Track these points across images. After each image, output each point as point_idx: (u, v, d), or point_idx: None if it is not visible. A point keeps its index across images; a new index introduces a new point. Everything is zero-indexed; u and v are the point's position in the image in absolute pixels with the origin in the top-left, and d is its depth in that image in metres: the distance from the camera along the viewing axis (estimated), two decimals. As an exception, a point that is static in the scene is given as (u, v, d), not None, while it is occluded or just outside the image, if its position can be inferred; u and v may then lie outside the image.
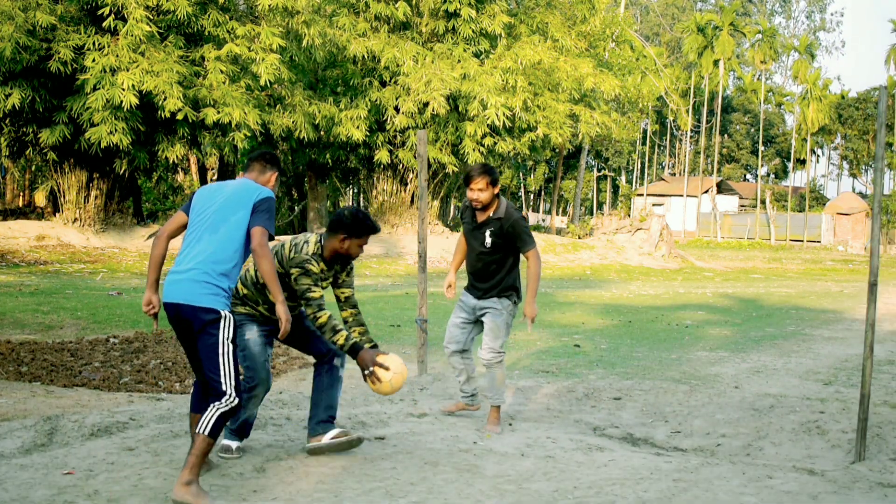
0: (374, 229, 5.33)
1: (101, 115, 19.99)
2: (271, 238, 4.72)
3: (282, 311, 4.66)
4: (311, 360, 8.87)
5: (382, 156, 27.06)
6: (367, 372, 5.11)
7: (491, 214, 6.11)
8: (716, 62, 66.69)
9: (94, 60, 19.82)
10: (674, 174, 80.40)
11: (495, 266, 6.17)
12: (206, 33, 21.65)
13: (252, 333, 5.19)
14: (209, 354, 4.51)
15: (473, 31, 26.61)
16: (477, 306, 6.30)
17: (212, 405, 4.47)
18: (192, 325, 4.54)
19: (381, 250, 25.94)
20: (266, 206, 4.72)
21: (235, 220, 4.65)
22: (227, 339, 4.53)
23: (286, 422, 6.17)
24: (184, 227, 4.77)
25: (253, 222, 4.65)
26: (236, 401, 4.50)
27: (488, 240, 6.12)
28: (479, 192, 6.02)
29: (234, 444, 5.21)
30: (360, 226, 5.24)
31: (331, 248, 5.26)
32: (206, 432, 4.40)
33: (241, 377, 4.71)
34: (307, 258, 5.15)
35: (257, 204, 4.70)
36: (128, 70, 19.86)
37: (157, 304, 4.70)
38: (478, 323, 6.39)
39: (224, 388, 4.48)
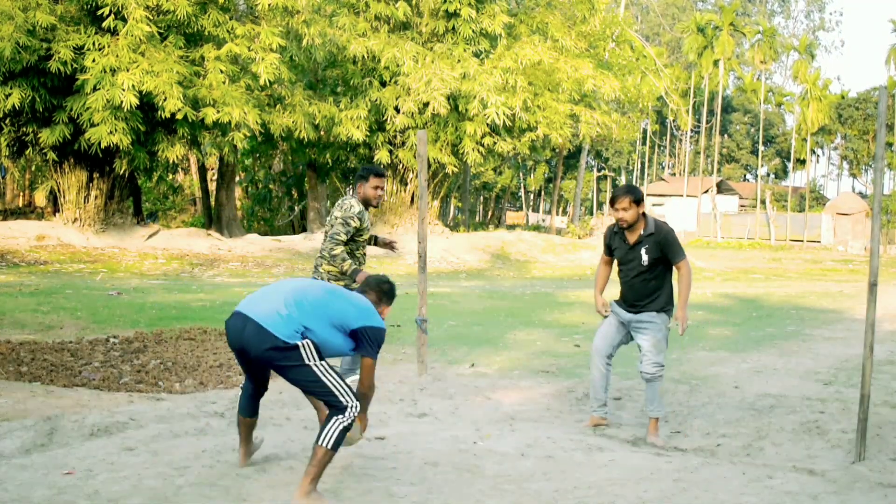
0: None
1: (101, 115, 19.99)
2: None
3: (364, 421, 4.91)
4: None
5: (382, 156, 27.06)
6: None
7: (642, 232, 6.15)
8: (716, 62, 66.68)
9: (94, 60, 19.82)
10: (674, 174, 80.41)
11: (654, 282, 6.22)
12: (206, 33, 21.64)
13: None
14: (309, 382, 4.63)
15: (473, 31, 26.60)
16: (633, 321, 6.30)
17: (335, 419, 4.51)
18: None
19: (382, 250, 25.90)
20: (374, 338, 4.70)
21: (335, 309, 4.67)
22: (316, 361, 4.59)
23: (286, 422, 6.17)
24: None
25: (365, 351, 4.69)
26: (357, 409, 4.58)
27: (645, 257, 6.16)
28: (623, 211, 6.08)
29: None
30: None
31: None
32: (329, 446, 4.45)
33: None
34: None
35: (368, 334, 4.68)
36: (128, 70, 19.86)
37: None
38: (627, 333, 6.41)
39: (344, 402, 4.56)
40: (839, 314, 15.16)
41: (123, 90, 19.60)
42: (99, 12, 20.30)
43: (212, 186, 33.96)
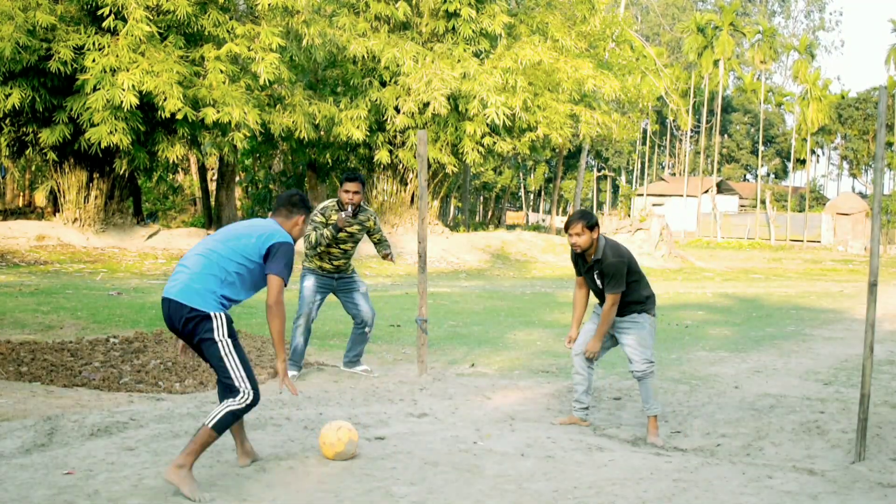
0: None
1: (102, 115, 19.98)
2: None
3: (281, 367, 4.77)
4: (310, 360, 8.87)
5: (382, 156, 27.05)
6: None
7: (594, 256, 6.30)
8: (716, 62, 66.70)
9: (94, 60, 19.80)
10: (674, 174, 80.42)
11: (626, 294, 6.31)
12: (206, 33, 21.63)
13: (309, 282, 7.82)
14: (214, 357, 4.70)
15: (473, 31, 26.59)
16: (616, 324, 6.39)
17: (225, 401, 4.63)
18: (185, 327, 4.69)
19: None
20: (282, 253, 4.76)
21: (241, 244, 4.77)
22: (224, 337, 4.66)
23: (286, 422, 6.17)
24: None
25: (269, 268, 4.74)
26: (251, 397, 4.64)
27: (598, 280, 6.32)
28: (576, 236, 6.22)
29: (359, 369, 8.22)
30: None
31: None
32: (212, 426, 4.54)
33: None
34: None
35: (273, 249, 4.76)
36: (128, 70, 19.85)
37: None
38: (611, 338, 6.47)
39: (238, 386, 4.64)
40: (839, 314, 15.16)
41: (123, 90, 19.59)
42: (99, 12, 20.28)
43: (212, 186, 33.96)
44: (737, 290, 20.16)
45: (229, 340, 4.67)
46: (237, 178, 35.43)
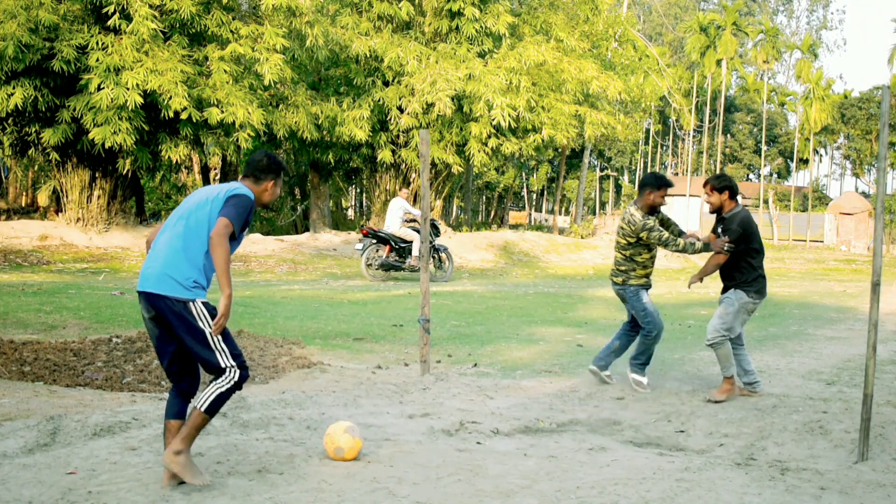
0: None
1: (105, 115, 20.00)
2: (235, 237, 4.62)
3: (223, 304, 4.51)
4: (313, 359, 8.87)
5: (385, 155, 27.06)
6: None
7: (726, 212, 7.26)
8: (718, 62, 66.64)
9: (98, 60, 19.82)
10: (676, 174, 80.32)
11: (728, 263, 7.20)
12: (210, 33, 21.64)
13: (647, 297, 7.71)
14: (195, 340, 4.58)
15: (477, 31, 26.59)
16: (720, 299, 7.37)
17: (213, 383, 4.58)
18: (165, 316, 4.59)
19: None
20: (236, 201, 4.64)
21: (202, 215, 4.65)
22: (207, 320, 4.59)
23: (289, 421, 6.17)
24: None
25: (221, 213, 4.60)
26: (237, 374, 4.60)
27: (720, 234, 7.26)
28: (706, 196, 7.29)
29: (644, 380, 7.57)
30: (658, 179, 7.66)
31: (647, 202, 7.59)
32: (204, 409, 4.53)
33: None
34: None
35: (229, 198, 4.66)
36: (132, 69, 19.86)
37: None
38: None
39: (223, 364, 4.58)
40: (842, 314, 15.14)
41: (128, 89, 19.60)
42: (104, 11, 20.29)
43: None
44: (740, 289, 20.13)
45: (211, 322, 4.57)
46: (239, 178, 35.37)
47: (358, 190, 48.98)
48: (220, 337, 4.59)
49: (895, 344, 11.09)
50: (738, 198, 7.28)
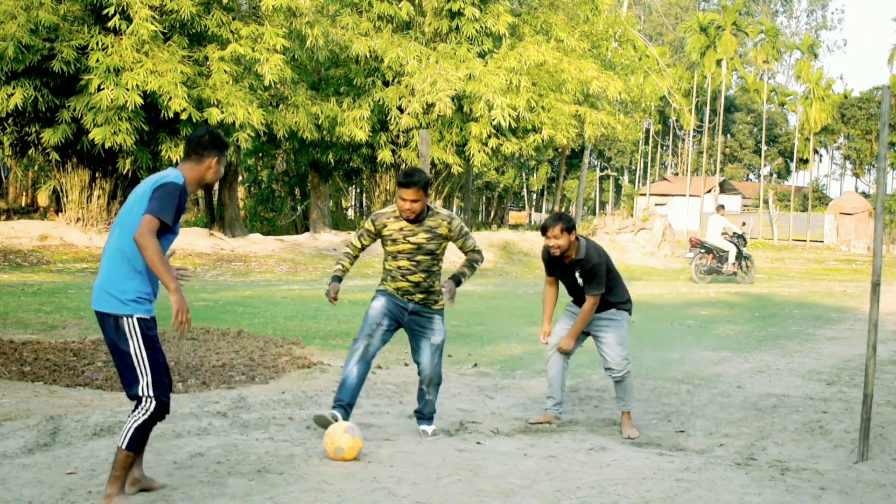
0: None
1: (105, 115, 20.00)
2: (169, 228, 4.33)
3: (174, 300, 4.28)
4: (313, 359, 8.87)
5: (385, 156, 27.06)
6: None
7: (573, 256, 6.40)
8: (718, 62, 66.61)
9: (98, 60, 19.82)
10: (676, 174, 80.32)
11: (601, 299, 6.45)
12: (210, 33, 21.64)
13: (378, 302, 6.28)
14: (120, 360, 4.36)
15: (477, 31, 26.59)
16: (594, 320, 6.49)
17: (130, 417, 4.34)
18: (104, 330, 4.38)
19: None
20: (160, 192, 4.32)
21: (133, 217, 4.35)
22: (138, 340, 4.31)
23: (289, 422, 6.17)
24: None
25: (145, 210, 4.28)
26: (153, 405, 4.32)
27: (580, 279, 6.41)
28: (555, 239, 6.27)
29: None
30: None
31: None
32: (125, 446, 4.28)
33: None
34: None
35: (153, 191, 4.34)
36: (132, 70, 19.87)
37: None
38: (584, 334, 6.57)
39: (141, 392, 4.32)
40: (842, 314, 15.14)
41: (128, 90, 19.60)
42: (104, 12, 20.29)
43: (214, 186, 33.96)
44: (739, 289, 20.13)
45: (143, 344, 4.31)
46: (240, 178, 35.42)
47: (358, 190, 48.97)
48: (147, 362, 4.30)
49: (895, 344, 11.10)
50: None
